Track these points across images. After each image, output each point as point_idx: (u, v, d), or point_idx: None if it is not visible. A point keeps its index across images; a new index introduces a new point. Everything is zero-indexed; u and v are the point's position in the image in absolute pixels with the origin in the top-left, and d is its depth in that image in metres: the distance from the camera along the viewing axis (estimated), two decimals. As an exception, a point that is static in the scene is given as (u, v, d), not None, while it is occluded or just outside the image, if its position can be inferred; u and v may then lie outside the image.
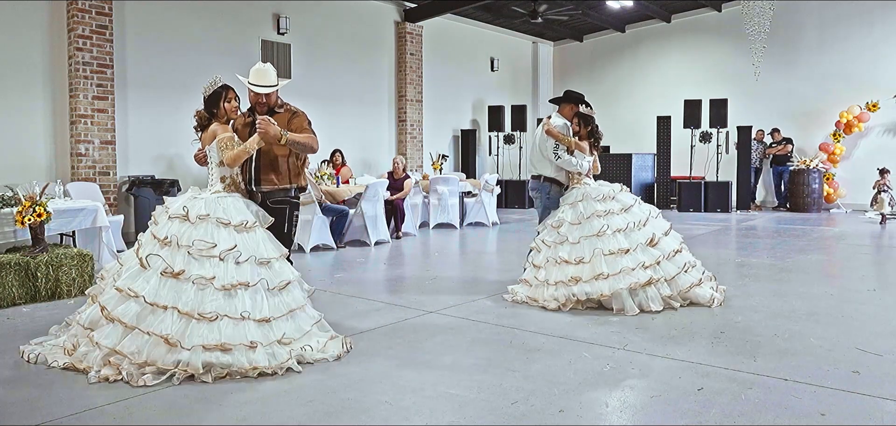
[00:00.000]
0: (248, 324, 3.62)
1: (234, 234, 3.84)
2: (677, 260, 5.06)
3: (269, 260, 3.86)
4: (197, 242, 3.74)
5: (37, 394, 3.30)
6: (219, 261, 3.72)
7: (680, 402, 3.14)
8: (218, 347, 3.49)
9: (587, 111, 5.51)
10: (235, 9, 10.57)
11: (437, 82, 14.41)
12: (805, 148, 13.85)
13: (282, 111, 4.27)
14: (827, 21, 13.70)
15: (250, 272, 3.75)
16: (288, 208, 4.24)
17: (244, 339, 3.56)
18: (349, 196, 8.87)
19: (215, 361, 3.47)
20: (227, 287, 3.65)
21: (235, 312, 3.61)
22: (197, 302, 3.60)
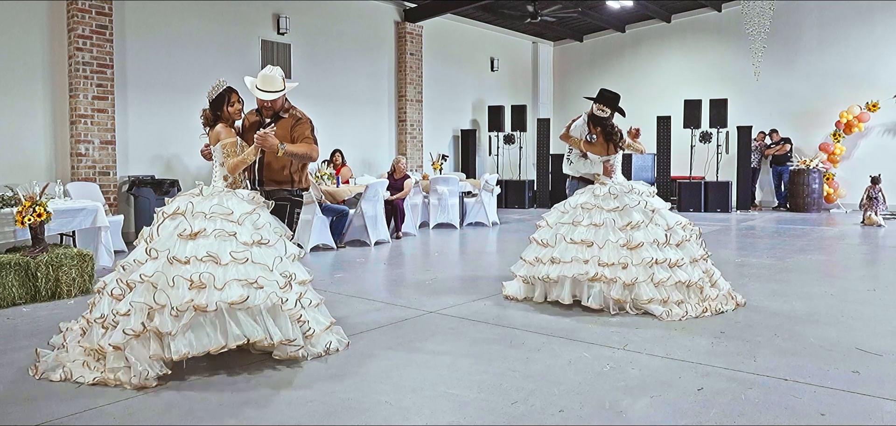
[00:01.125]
0: (276, 274, 3.64)
1: (243, 209, 3.86)
2: (657, 271, 4.81)
3: (282, 233, 3.95)
4: (213, 207, 3.76)
5: (37, 395, 3.30)
6: (237, 224, 3.71)
7: (680, 402, 3.14)
8: (251, 283, 3.50)
9: (598, 111, 5.42)
10: (235, 9, 10.57)
11: (437, 82, 14.41)
12: (805, 148, 13.85)
13: (286, 116, 4.28)
14: (827, 21, 13.70)
15: (270, 234, 3.82)
16: (289, 205, 4.28)
17: (276, 281, 3.58)
18: (349, 196, 8.87)
19: (255, 294, 3.47)
20: (253, 242, 3.68)
21: (266, 259, 3.64)
22: (220, 249, 3.56)
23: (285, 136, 4.19)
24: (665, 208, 5.23)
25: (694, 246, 5.07)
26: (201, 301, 3.39)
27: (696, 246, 5.08)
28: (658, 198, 5.35)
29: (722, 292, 5.02)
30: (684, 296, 4.81)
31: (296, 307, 3.64)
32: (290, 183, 4.29)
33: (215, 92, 4.17)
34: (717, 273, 5.16)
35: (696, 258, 4.99)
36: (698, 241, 5.14)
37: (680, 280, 4.82)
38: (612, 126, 5.41)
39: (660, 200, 5.31)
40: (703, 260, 5.05)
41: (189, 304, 3.37)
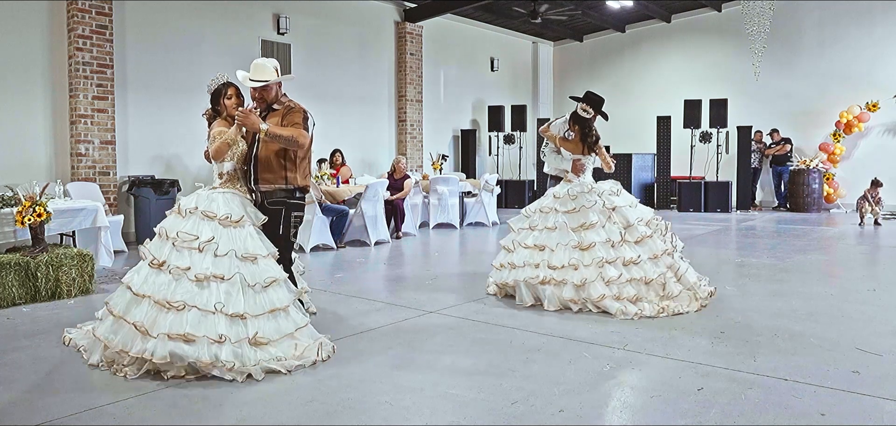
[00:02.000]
0: (219, 319, 3.53)
1: (218, 228, 3.80)
2: (607, 269, 4.87)
3: (254, 256, 3.78)
4: (181, 234, 3.76)
5: (37, 394, 3.30)
6: (197, 252, 3.69)
7: (680, 402, 3.14)
8: (181, 337, 3.43)
9: (582, 111, 5.51)
10: (235, 9, 10.57)
11: (437, 82, 14.40)
12: (805, 148, 13.85)
13: (279, 107, 4.19)
14: (827, 21, 13.70)
15: (228, 265, 3.68)
16: (284, 209, 4.14)
17: (212, 332, 3.48)
18: (349, 196, 8.87)
19: (178, 352, 3.40)
20: (201, 278, 3.60)
21: (207, 304, 3.55)
22: (169, 291, 3.58)
23: (277, 126, 4.07)
24: (628, 205, 5.26)
25: (657, 241, 5.09)
26: (137, 351, 3.47)
27: (659, 241, 5.09)
28: (625, 194, 5.39)
29: (688, 287, 5.01)
30: (641, 293, 4.84)
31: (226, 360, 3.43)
32: (285, 180, 4.11)
33: (214, 85, 4.19)
34: (683, 266, 5.14)
35: (658, 254, 5.00)
36: (664, 237, 5.15)
37: (634, 277, 4.86)
38: (590, 128, 5.50)
39: (625, 198, 5.34)
40: (668, 254, 5.06)
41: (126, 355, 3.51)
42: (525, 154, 15.69)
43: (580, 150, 5.51)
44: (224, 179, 4.10)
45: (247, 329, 3.58)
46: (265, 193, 4.15)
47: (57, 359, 3.88)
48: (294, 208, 4.21)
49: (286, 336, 3.71)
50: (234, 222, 3.85)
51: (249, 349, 3.53)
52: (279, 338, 3.67)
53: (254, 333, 3.57)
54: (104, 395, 3.26)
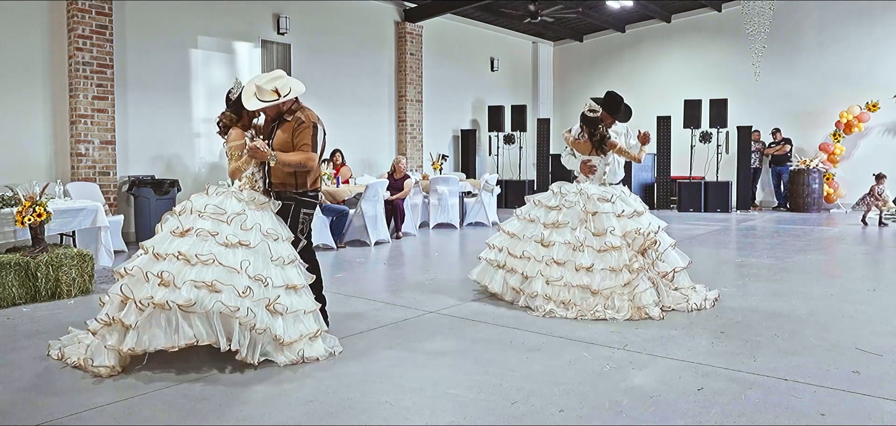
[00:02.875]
0: (244, 277, 3.64)
1: (245, 206, 3.93)
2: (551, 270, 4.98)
3: (277, 235, 3.92)
4: (209, 206, 3.88)
5: (37, 394, 3.30)
6: (225, 223, 3.81)
7: (680, 402, 3.14)
8: (207, 286, 3.53)
9: (588, 112, 5.46)
10: (235, 9, 10.56)
11: (437, 82, 14.41)
12: (805, 148, 13.85)
13: (290, 119, 4.15)
14: (827, 21, 13.70)
15: (254, 237, 3.81)
16: (293, 204, 4.19)
17: (238, 285, 3.59)
18: (349, 196, 8.87)
19: (205, 298, 3.50)
20: (229, 243, 3.72)
21: (233, 263, 3.66)
22: (196, 248, 3.68)
23: (286, 140, 4.08)
24: (613, 214, 5.08)
25: (623, 255, 4.91)
26: (160, 298, 3.49)
27: (626, 256, 4.90)
28: (623, 202, 5.19)
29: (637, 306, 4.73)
30: (575, 299, 4.82)
31: (248, 315, 3.55)
32: (294, 185, 4.19)
33: (235, 93, 4.19)
34: (642, 286, 4.81)
35: (617, 268, 4.86)
36: (635, 255, 4.90)
37: (577, 283, 4.85)
38: (595, 128, 5.43)
39: (619, 206, 5.15)
40: (626, 270, 4.85)
41: (150, 300, 3.49)
42: (525, 154, 15.69)
43: (588, 151, 5.48)
44: (243, 182, 4.19)
45: (268, 293, 3.69)
46: (278, 193, 4.21)
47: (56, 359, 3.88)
48: (304, 205, 4.23)
49: (298, 311, 3.80)
50: (260, 205, 3.99)
51: (265, 314, 3.63)
52: (294, 310, 3.77)
53: (275, 298, 3.68)
54: (104, 395, 3.26)
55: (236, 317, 3.54)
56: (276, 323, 3.67)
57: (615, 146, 5.45)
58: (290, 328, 3.73)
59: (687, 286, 5.25)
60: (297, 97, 4.21)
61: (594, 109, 5.42)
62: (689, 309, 4.94)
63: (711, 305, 5.08)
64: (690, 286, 5.28)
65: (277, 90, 4.07)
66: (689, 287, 5.25)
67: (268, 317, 3.64)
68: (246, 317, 3.55)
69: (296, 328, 3.76)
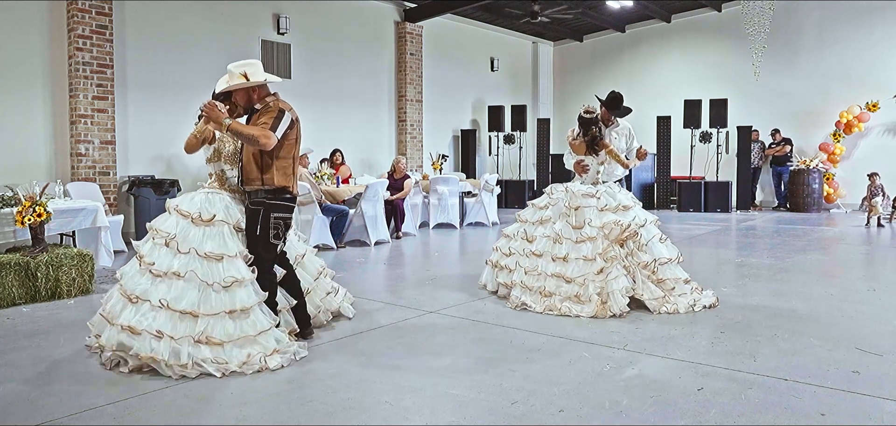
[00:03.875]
0: (162, 314, 3.60)
1: (187, 225, 3.85)
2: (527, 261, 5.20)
3: (220, 255, 3.77)
4: (160, 230, 3.89)
5: (37, 394, 3.30)
6: (165, 247, 3.81)
7: (680, 402, 3.14)
8: (128, 328, 3.58)
9: (584, 114, 5.54)
10: (235, 9, 10.57)
11: (437, 82, 14.40)
12: (805, 148, 13.85)
13: (260, 108, 4.04)
14: (827, 21, 13.70)
15: (186, 262, 3.73)
16: (262, 209, 3.99)
17: (151, 327, 3.56)
18: (349, 196, 8.87)
19: (126, 342, 3.56)
20: (158, 273, 3.72)
21: (155, 298, 3.64)
22: (133, 284, 3.75)
23: (242, 124, 3.95)
24: (595, 208, 5.14)
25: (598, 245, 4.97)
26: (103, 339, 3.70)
27: (600, 245, 4.98)
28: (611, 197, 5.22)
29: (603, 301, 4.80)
30: (552, 289, 4.96)
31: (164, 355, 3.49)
32: (261, 181, 3.98)
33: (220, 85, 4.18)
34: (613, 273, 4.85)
35: (591, 257, 4.96)
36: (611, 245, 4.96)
37: (552, 273, 5.00)
38: (587, 128, 5.48)
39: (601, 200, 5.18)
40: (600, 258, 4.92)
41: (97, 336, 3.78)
42: (525, 154, 15.69)
43: (582, 151, 5.56)
44: (212, 180, 4.15)
45: (195, 326, 3.58)
46: (249, 194, 4.07)
47: (57, 358, 3.88)
48: (274, 209, 4.00)
49: (244, 337, 3.65)
50: (205, 221, 3.87)
51: (191, 347, 3.53)
52: (237, 338, 3.63)
53: (202, 330, 3.57)
54: (104, 395, 3.26)
55: (151, 365, 3.50)
56: (208, 352, 3.55)
57: (607, 147, 5.51)
58: (233, 354, 3.59)
59: (677, 278, 5.09)
60: (276, 93, 4.12)
61: (589, 110, 5.51)
62: (671, 310, 4.79)
63: (700, 310, 4.90)
64: (684, 280, 5.13)
65: (246, 74, 3.99)
66: (682, 281, 5.10)
67: (196, 350, 3.53)
68: (162, 358, 3.48)
69: (238, 353, 3.60)
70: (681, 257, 5.29)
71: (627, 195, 5.41)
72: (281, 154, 4.01)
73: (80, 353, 3.98)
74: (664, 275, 5.06)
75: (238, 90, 4.05)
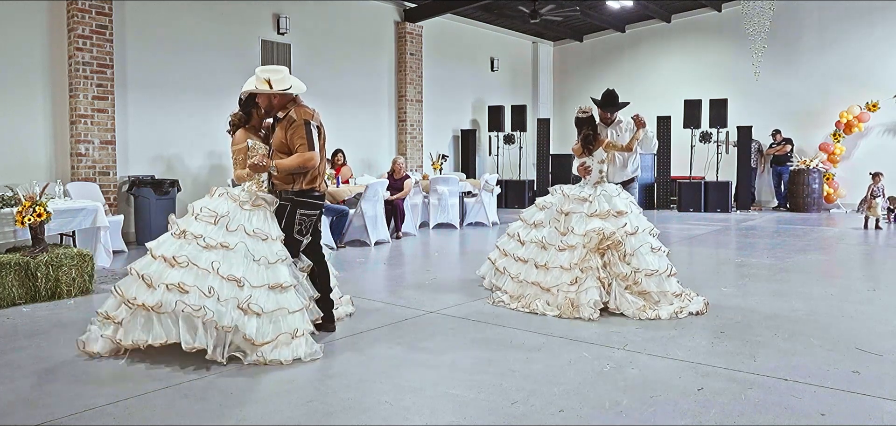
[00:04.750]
0: (212, 277, 3.75)
1: (235, 207, 4.06)
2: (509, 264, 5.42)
3: (266, 235, 4.00)
4: (204, 209, 4.05)
5: (37, 394, 3.30)
6: (212, 224, 3.97)
7: (680, 402, 3.14)
8: (177, 287, 3.70)
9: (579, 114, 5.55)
10: (235, 9, 10.56)
11: (437, 82, 14.40)
12: (805, 148, 13.85)
13: (283, 117, 4.19)
14: (827, 21, 13.70)
15: (236, 237, 3.92)
16: (289, 205, 4.21)
17: (204, 286, 3.71)
18: (349, 196, 8.86)
19: (170, 299, 3.66)
20: (208, 245, 3.87)
21: (205, 263, 3.79)
22: (177, 250, 3.88)
23: (282, 139, 4.16)
24: (584, 214, 5.08)
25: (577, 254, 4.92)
26: (140, 299, 3.74)
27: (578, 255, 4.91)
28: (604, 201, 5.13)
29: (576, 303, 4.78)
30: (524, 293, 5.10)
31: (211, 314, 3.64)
32: (292, 185, 4.22)
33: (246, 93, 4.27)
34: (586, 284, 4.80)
35: (568, 267, 4.92)
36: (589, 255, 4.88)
37: (532, 280, 5.10)
38: (580, 129, 5.49)
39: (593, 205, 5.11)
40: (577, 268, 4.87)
41: (133, 300, 3.75)
42: (525, 154, 15.69)
43: (581, 153, 5.54)
44: (253, 182, 4.27)
45: (241, 293, 3.76)
46: (279, 193, 4.27)
47: (57, 359, 3.88)
48: (301, 206, 4.23)
49: (280, 310, 3.84)
50: (253, 205, 4.08)
51: (235, 311, 3.70)
52: (274, 309, 3.82)
53: (247, 298, 3.75)
54: (104, 395, 3.26)
55: (198, 316, 3.65)
56: (249, 322, 3.72)
57: (602, 143, 5.49)
58: (266, 328, 3.77)
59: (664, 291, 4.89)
60: (296, 96, 4.25)
61: (583, 110, 5.52)
62: (651, 317, 4.68)
63: (686, 316, 4.74)
64: (674, 293, 4.93)
65: (269, 81, 4.12)
66: (671, 294, 4.91)
67: (239, 316, 3.71)
68: (208, 317, 3.64)
69: (273, 328, 3.79)
70: (673, 271, 5.02)
71: (626, 200, 5.23)
72: None
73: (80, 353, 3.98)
74: (648, 287, 4.86)
75: (261, 95, 4.23)
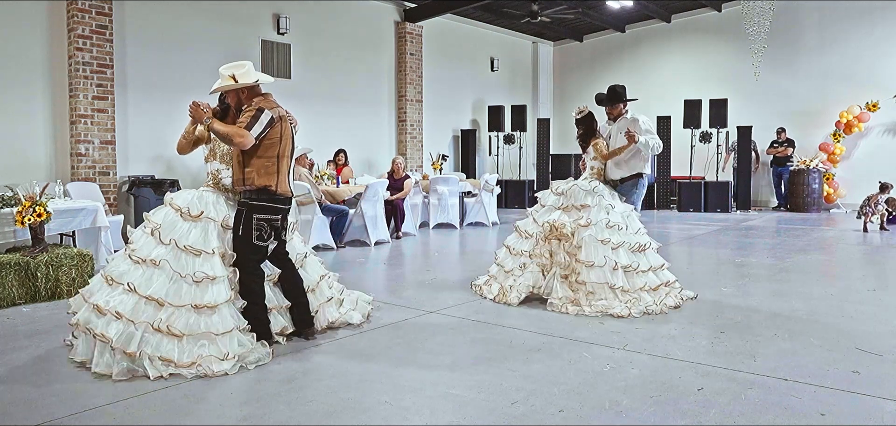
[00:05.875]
0: (129, 297, 3.68)
1: (175, 218, 3.96)
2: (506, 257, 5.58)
3: (198, 251, 3.84)
4: (151, 220, 4.02)
5: (36, 394, 3.30)
6: (149, 235, 3.93)
7: (680, 402, 3.14)
8: (95, 307, 3.70)
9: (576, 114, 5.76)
10: (235, 9, 10.56)
11: (437, 82, 14.40)
12: (805, 148, 13.84)
13: (245, 108, 4.06)
14: (827, 21, 13.70)
15: (164, 252, 3.83)
16: (245, 210, 4.00)
17: (114, 307, 3.64)
18: (349, 196, 8.86)
19: (93, 320, 3.66)
20: (137, 259, 3.84)
21: (125, 281, 3.75)
22: (114, 267, 3.88)
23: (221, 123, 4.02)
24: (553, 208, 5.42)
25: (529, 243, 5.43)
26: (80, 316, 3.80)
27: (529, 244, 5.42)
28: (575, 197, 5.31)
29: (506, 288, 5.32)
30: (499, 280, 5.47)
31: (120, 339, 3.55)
32: (242, 180, 4.03)
33: None
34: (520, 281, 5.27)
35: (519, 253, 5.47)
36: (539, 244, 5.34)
37: (499, 261, 5.58)
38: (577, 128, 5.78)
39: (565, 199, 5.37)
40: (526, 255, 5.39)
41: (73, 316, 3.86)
42: (525, 154, 15.69)
43: (584, 150, 5.78)
44: (209, 179, 4.23)
45: (159, 314, 3.65)
46: (239, 194, 4.11)
47: (57, 359, 3.88)
48: (257, 210, 3.98)
49: (205, 333, 3.65)
50: (193, 217, 3.96)
51: (149, 333, 3.59)
52: (198, 333, 3.64)
53: (165, 318, 3.63)
54: (104, 395, 3.26)
55: (105, 341, 3.57)
56: (167, 343, 3.58)
57: (594, 143, 5.65)
58: (188, 349, 3.59)
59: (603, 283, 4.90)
60: (267, 94, 4.15)
61: (578, 110, 5.76)
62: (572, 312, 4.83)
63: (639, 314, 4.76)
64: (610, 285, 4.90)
65: (234, 76, 4.05)
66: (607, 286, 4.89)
67: (155, 339, 3.58)
68: (117, 342, 3.53)
69: (195, 350, 3.60)
70: (616, 266, 4.95)
71: (599, 196, 5.29)
72: (260, 153, 4.01)
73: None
74: (587, 278, 4.94)
75: (230, 92, 4.13)
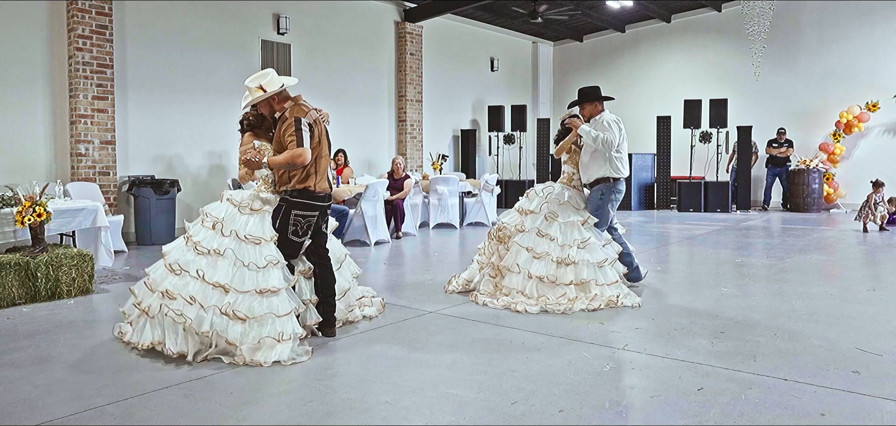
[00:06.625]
0: (197, 284, 3.89)
1: (232, 211, 4.14)
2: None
3: (258, 239, 4.04)
4: (209, 214, 4.17)
5: (36, 394, 3.30)
6: (210, 229, 4.10)
7: (680, 402, 3.14)
8: (166, 293, 3.89)
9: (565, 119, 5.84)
10: (235, 9, 10.56)
11: (437, 82, 14.41)
12: (805, 148, 13.85)
13: (278, 117, 4.28)
14: (827, 21, 13.71)
15: (226, 242, 4.02)
16: (284, 206, 4.20)
17: (185, 292, 3.87)
18: (349, 196, 8.86)
19: (165, 304, 3.84)
20: (201, 250, 4.01)
21: (195, 269, 3.93)
22: (177, 256, 4.05)
23: (277, 138, 4.19)
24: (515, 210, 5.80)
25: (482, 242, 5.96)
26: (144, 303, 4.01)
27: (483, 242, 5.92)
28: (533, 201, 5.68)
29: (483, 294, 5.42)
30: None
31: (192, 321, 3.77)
32: (286, 184, 4.22)
33: None
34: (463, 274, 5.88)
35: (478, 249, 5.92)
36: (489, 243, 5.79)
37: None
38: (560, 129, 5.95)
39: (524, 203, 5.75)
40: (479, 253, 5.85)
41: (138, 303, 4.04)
42: (525, 154, 15.69)
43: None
44: (259, 182, 4.35)
45: (225, 299, 3.85)
46: (280, 193, 4.29)
47: (57, 359, 3.88)
48: (295, 207, 4.18)
49: (267, 315, 3.84)
50: (251, 209, 4.15)
51: (216, 316, 3.78)
52: (265, 314, 3.83)
53: (231, 303, 3.82)
54: (104, 395, 3.26)
55: (178, 323, 3.78)
56: (233, 327, 3.77)
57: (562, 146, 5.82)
58: (250, 331, 3.77)
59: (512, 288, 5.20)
60: (297, 96, 4.29)
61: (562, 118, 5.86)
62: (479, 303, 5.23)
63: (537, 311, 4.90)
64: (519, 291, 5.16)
65: (262, 87, 4.19)
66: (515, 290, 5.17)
67: (221, 321, 3.78)
68: (188, 324, 3.76)
69: (258, 331, 3.78)
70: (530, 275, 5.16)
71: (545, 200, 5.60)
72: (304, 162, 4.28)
73: (80, 353, 3.98)
74: (509, 283, 5.28)
75: (262, 102, 4.28)
